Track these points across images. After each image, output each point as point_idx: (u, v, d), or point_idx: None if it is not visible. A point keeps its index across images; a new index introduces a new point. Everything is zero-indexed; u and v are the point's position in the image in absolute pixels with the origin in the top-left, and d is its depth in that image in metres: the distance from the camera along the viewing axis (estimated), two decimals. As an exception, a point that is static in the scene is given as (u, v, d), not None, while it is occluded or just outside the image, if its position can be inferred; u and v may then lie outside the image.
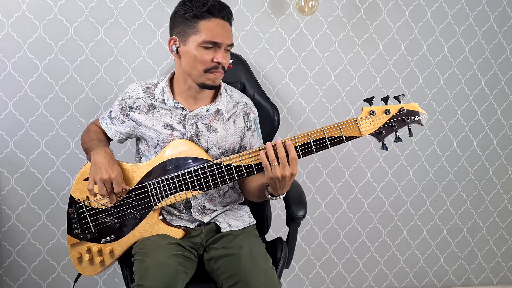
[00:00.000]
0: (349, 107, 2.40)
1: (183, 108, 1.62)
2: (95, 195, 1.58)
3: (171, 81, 1.66)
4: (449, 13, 2.42)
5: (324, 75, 2.36)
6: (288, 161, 1.42)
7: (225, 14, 1.55)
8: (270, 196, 1.54)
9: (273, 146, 1.44)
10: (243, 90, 2.01)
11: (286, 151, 1.43)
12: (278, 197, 1.53)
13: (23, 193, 2.18)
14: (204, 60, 1.52)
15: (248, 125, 1.71)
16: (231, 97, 1.70)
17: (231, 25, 1.59)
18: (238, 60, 2.07)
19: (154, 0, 2.14)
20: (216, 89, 1.67)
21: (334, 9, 2.30)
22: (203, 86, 1.57)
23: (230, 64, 2.04)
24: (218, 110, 1.65)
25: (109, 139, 1.78)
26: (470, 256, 2.73)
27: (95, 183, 1.54)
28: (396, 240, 2.61)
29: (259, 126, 1.77)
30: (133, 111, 1.65)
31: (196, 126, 1.62)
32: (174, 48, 1.57)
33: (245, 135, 1.71)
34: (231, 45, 1.57)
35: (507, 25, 2.49)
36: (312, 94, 2.36)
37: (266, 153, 1.44)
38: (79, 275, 1.68)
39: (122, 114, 1.69)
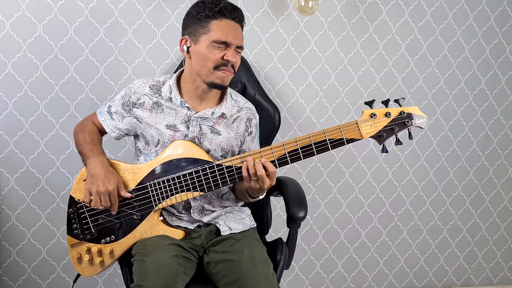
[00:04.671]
0: (349, 107, 2.40)
1: (188, 108, 1.62)
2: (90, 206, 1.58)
3: (178, 80, 1.66)
4: (449, 13, 2.42)
5: (324, 75, 2.36)
6: (268, 176, 1.49)
7: (237, 16, 1.57)
8: (250, 198, 1.63)
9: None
10: (244, 90, 2.02)
11: (265, 167, 1.48)
12: (258, 198, 1.63)
13: (23, 193, 2.18)
14: (214, 58, 1.53)
15: (249, 131, 1.72)
16: (236, 102, 1.71)
17: (242, 28, 1.61)
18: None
19: (154, 0, 2.14)
20: (222, 92, 1.68)
21: (334, 9, 2.30)
22: (212, 86, 1.58)
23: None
24: (222, 114, 1.65)
25: (103, 134, 1.75)
26: (470, 256, 2.73)
27: (91, 195, 1.54)
28: (396, 240, 2.61)
29: (259, 132, 1.79)
30: (137, 107, 1.64)
31: (200, 127, 1.63)
32: (185, 47, 1.58)
33: (245, 140, 1.72)
34: (241, 47, 1.58)
35: (507, 25, 2.49)
36: (312, 94, 2.36)
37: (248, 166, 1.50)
38: (79, 275, 1.68)
39: (123, 109, 1.67)
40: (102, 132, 1.74)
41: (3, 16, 2.03)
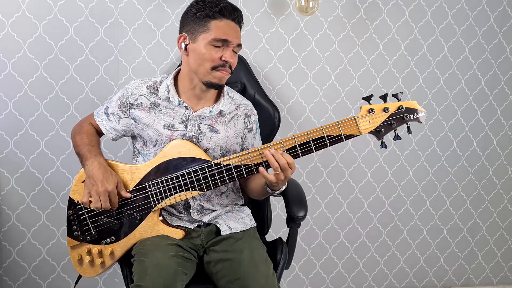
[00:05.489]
0: (349, 107, 2.40)
1: (186, 108, 1.62)
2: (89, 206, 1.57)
3: (175, 79, 1.66)
4: (449, 13, 2.42)
5: (324, 75, 2.36)
6: (289, 166, 1.46)
7: (236, 16, 1.57)
8: (271, 191, 1.59)
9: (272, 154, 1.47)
10: (244, 90, 2.01)
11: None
12: (281, 189, 1.59)
13: (23, 193, 2.18)
14: (212, 58, 1.53)
15: (249, 127, 1.72)
16: (233, 99, 1.71)
17: (241, 29, 1.61)
18: (239, 60, 2.05)
19: (154, 0, 2.14)
20: (219, 90, 1.68)
21: (334, 9, 2.30)
22: (209, 85, 1.58)
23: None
24: (220, 112, 1.65)
25: (100, 135, 1.74)
26: (470, 256, 2.73)
27: (90, 196, 1.54)
28: (396, 240, 2.61)
29: (259, 128, 1.78)
30: (134, 108, 1.64)
31: (199, 127, 1.63)
32: (183, 45, 1.58)
33: (247, 137, 1.72)
34: (240, 45, 1.59)
35: (507, 25, 2.49)
36: (312, 94, 2.36)
37: (266, 164, 1.48)
38: (80, 276, 1.68)
39: (120, 111, 1.67)
40: (100, 133, 1.73)
41: (3, 16, 2.03)
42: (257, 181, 1.66)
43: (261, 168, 1.48)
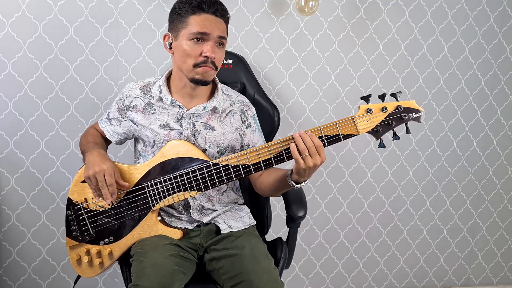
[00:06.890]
0: (349, 107, 2.40)
1: (180, 106, 1.62)
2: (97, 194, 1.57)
3: (168, 79, 1.67)
4: (449, 13, 2.42)
5: (324, 75, 2.36)
6: (317, 150, 1.42)
7: (216, 9, 1.54)
8: (295, 184, 1.50)
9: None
10: (243, 90, 2.02)
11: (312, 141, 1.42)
12: (303, 184, 1.50)
13: (23, 193, 2.18)
14: (193, 54, 1.52)
15: (246, 123, 1.70)
16: (228, 96, 1.70)
17: (226, 22, 1.59)
18: (239, 60, 2.07)
19: (154, 0, 2.14)
20: (213, 88, 1.68)
21: (334, 9, 2.30)
22: (194, 82, 1.57)
23: (230, 64, 2.06)
24: (214, 108, 1.65)
25: (108, 142, 1.77)
26: (470, 256, 2.73)
27: (91, 181, 1.53)
28: (396, 240, 2.61)
29: (258, 123, 1.76)
30: (130, 110, 1.65)
31: (193, 124, 1.62)
32: (167, 44, 1.59)
33: (245, 133, 1.71)
34: (222, 38, 1.56)
35: (507, 25, 2.49)
36: (312, 94, 2.36)
37: (295, 145, 1.42)
38: (79, 277, 1.68)
39: (119, 114, 1.69)
40: (106, 139, 1.76)
41: (3, 16, 2.04)
42: (274, 175, 1.59)
43: (292, 146, 1.41)
